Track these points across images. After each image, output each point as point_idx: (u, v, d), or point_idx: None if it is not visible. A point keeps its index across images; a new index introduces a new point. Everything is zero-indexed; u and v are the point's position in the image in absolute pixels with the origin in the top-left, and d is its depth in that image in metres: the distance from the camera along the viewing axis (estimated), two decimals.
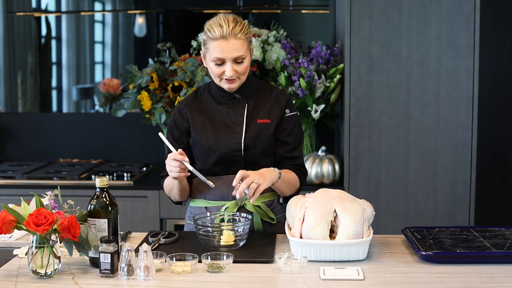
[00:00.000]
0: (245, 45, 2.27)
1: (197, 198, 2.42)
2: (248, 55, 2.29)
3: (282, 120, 2.39)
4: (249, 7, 4.11)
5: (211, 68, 2.30)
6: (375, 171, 3.42)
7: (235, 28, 2.24)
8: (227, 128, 2.35)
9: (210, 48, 2.26)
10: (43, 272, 1.90)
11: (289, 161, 2.39)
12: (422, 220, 3.40)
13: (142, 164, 3.95)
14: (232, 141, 2.33)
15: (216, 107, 2.38)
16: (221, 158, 2.34)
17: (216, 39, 2.24)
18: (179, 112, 2.42)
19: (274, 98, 2.41)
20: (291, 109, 2.42)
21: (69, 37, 4.29)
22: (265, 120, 2.37)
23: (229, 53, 2.24)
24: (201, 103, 2.41)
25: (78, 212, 2.02)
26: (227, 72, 2.26)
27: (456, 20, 3.33)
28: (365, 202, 2.16)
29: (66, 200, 2.08)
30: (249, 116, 2.37)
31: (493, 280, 1.87)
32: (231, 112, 2.37)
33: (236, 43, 2.24)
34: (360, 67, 3.38)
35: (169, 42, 3.52)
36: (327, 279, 1.87)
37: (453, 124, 3.38)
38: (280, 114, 2.39)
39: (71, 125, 4.17)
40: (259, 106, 2.39)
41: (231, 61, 2.25)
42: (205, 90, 2.44)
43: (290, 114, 2.41)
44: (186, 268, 1.93)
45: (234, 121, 2.36)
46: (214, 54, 2.25)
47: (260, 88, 2.43)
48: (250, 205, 2.35)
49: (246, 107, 2.37)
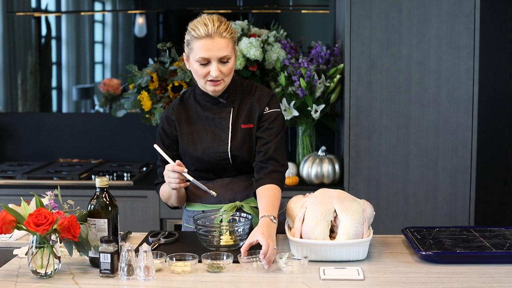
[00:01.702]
0: (230, 45, 2.22)
1: (194, 202, 2.41)
2: (233, 56, 2.24)
3: (261, 118, 2.31)
4: (249, 7, 4.11)
5: (195, 70, 2.23)
6: (375, 171, 3.42)
7: (220, 27, 2.20)
8: (213, 136, 2.31)
9: (195, 48, 2.20)
10: (43, 272, 1.90)
11: (261, 156, 2.27)
12: (422, 220, 3.40)
13: (142, 164, 3.95)
14: (219, 150, 2.30)
15: (202, 113, 2.34)
16: (211, 167, 2.32)
17: (201, 37, 2.18)
18: (166, 119, 2.37)
19: (256, 99, 2.33)
20: (272, 106, 2.33)
21: (69, 37, 4.29)
22: (248, 125, 2.31)
23: (215, 52, 2.18)
24: (187, 109, 2.36)
25: (78, 212, 2.03)
26: (212, 72, 2.19)
27: (456, 20, 3.33)
28: (365, 202, 2.16)
29: (66, 200, 2.08)
30: (234, 121, 2.31)
31: (493, 280, 1.87)
32: (216, 118, 2.32)
33: (222, 42, 2.19)
34: (360, 67, 3.38)
35: (169, 42, 3.52)
36: (327, 279, 1.87)
37: (453, 124, 3.38)
38: (259, 113, 2.32)
39: (71, 125, 4.17)
40: (242, 110, 2.33)
41: (216, 61, 2.19)
42: (190, 95, 2.39)
43: (269, 112, 2.31)
44: (186, 268, 1.93)
45: (220, 127, 2.31)
46: (199, 53, 2.19)
47: (245, 90, 2.36)
48: (247, 207, 2.34)
49: (232, 112, 2.32)
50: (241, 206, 2.34)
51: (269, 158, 2.26)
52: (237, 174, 2.36)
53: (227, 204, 2.34)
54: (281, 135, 2.31)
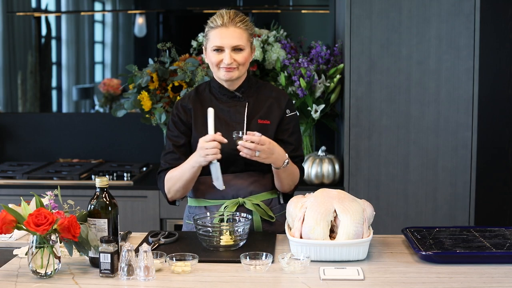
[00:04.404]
0: (245, 36, 2.30)
1: (196, 197, 2.42)
2: (247, 47, 2.32)
3: (283, 120, 2.41)
4: (249, 7, 4.11)
5: (210, 58, 2.33)
6: (375, 171, 3.42)
7: (236, 18, 2.30)
8: (227, 127, 2.35)
9: (210, 37, 2.31)
10: (43, 272, 1.90)
11: (293, 160, 2.40)
12: (422, 220, 3.40)
13: (142, 164, 3.95)
14: (233, 140, 2.33)
15: (216, 105, 2.39)
16: (221, 158, 2.33)
17: (216, 27, 2.29)
18: (182, 108, 2.41)
19: (274, 98, 2.42)
20: (291, 109, 2.43)
21: (69, 37, 4.29)
22: (265, 121, 2.38)
23: (228, 40, 2.27)
24: (202, 101, 2.42)
25: (78, 212, 2.03)
26: (225, 59, 2.28)
27: (456, 20, 3.33)
28: (365, 202, 2.16)
29: (66, 200, 2.08)
30: (249, 115, 2.37)
31: (493, 280, 1.87)
32: (231, 111, 2.38)
33: (236, 31, 2.28)
34: (360, 67, 3.38)
35: (169, 42, 3.52)
36: (327, 279, 1.87)
37: (453, 124, 3.38)
38: (280, 114, 2.40)
39: (71, 125, 4.17)
40: (259, 106, 2.40)
41: (229, 49, 2.28)
42: (206, 88, 2.45)
43: (291, 114, 2.43)
44: (186, 268, 1.93)
45: (235, 119, 2.37)
46: (213, 42, 2.29)
47: (260, 88, 2.45)
48: (250, 204, 2.35)
49: (247, 106, 2.38)
50: (244, 202, 2.35)
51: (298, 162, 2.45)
52: (245, 169, 2.37)
53: (230, 200, 2.35)
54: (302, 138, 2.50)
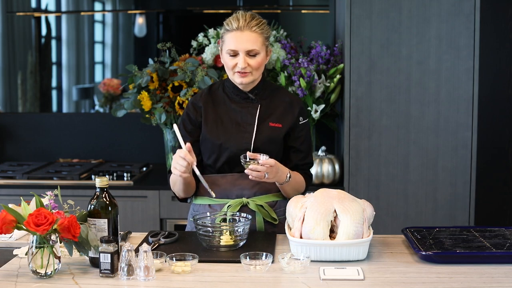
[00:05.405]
0: (260, 40, 2.31)
1: (201, 195, 2.43)
2: (262, 52, 2.32)
3: (296, 127, 2.42)
4: (249, 7, 4.10)
5: (225, 61, 2.33)
6: (375, 171, 3.42)
7: (251, 22, 2.31)
8: (238, 127, 2.36)
9: (226, 40, 2.32)
10: (43, 272, 1.90)
11: (302, 167, 2.43)
12: (422, 220, 3.40)
13: (142, 164, 3.95)
14: (242, 140, 2.35)
15: (229, 105, 2.40)
16: (229, 157, 2.34)
17: (232, 30, 2.30)
18: (193, 105, 2.43)
19: (288, 103, 2.43)
20: (304, 116, 2.44)
21: (69, 37, 4.29)
22: (276, 124, 2.39)
23: (243, 44, 2.28)
24: (215, 99, 2.43)
25: (78, 212, 2.03)
26: (239, 63, 2.29)
27: (456, 20, 3.33)
28: (365, 202, 2.16)
29: (66, 200, 2.08)
30: (260, 118, 2.38)
31: (493, 280, 1.87)
32: (243, 111, 2.39)
33: (251, 35, 2.29)
34: (360, 67, 3.38)
35: (169, 42, 3.52)
36: (327, 279, 1.87)
37: (453, 124, 3.38)
38: (293, 120, 2.41)
39: (71, 125, 4.17)
40: (272, 109, 2.41)
41: (244, 53, 2.29)
42: (219, 87, 2.46)
43: (303, 122, 2.44)
44: (186, 268, 1.93)
45: (246, 120, 2.38)
46: (228, 45, 2.30)
47: (274, 91, 2.45)
48: (253, 205, 2.35)
49: (259, 108, 2.39)
50: (247, 203, 2.36)
51: (309, 170, 2.49)
52: None
53: (234, 199, 2.36)
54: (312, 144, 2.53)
